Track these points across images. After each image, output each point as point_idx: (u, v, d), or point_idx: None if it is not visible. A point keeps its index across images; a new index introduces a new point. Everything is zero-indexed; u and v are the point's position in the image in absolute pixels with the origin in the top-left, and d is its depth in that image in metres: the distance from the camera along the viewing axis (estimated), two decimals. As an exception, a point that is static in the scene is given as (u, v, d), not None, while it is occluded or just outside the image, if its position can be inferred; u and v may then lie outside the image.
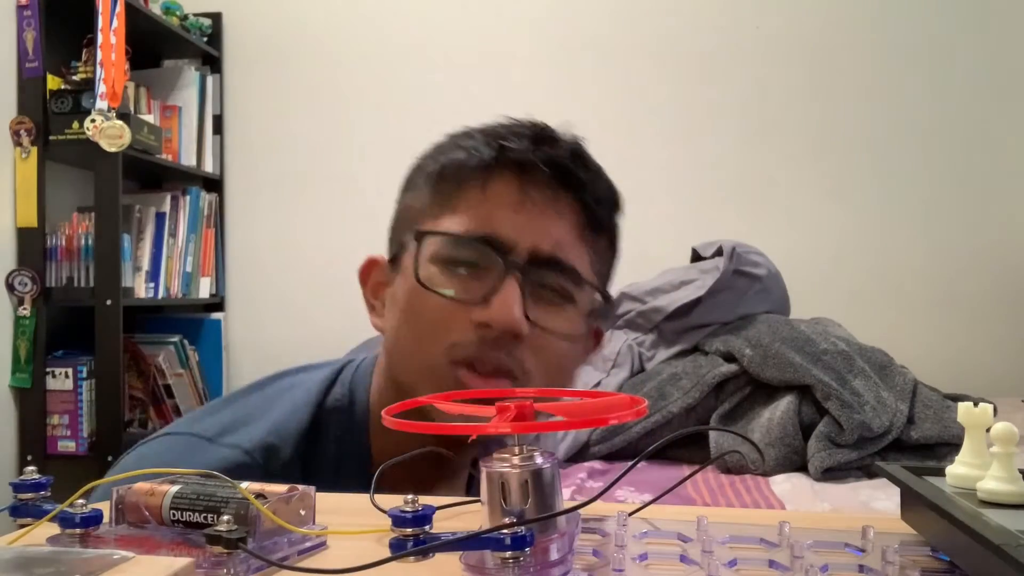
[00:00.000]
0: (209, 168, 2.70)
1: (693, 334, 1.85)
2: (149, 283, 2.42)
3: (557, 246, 0.68)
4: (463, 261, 0.67)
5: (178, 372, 2.49)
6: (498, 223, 0.67)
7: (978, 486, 0.42)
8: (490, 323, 0.65)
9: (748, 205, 2.56)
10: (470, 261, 0.67)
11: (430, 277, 0.67)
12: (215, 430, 0.69)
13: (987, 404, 0.44)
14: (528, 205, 0.67)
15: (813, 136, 2.56)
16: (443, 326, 0.66)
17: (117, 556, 0.36)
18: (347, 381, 0.75)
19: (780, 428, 1.56)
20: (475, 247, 0.67)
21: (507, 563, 0.37)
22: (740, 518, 0.58)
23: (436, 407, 0.49)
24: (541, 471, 0.41)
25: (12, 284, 2.13)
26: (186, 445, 0.68)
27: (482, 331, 0.65)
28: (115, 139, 2.09)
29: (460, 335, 0.66)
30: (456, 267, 0.67)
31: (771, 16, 2.57)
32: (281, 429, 0.69)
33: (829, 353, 1.65)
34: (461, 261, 0.67)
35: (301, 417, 0.71)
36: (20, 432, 2.17)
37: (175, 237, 2.51)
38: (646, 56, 2.60)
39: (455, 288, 0.67)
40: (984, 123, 2.49)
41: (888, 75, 2.53)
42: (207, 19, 2.71)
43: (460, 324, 0.66)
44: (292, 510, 0.44)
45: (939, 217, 2.50)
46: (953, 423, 1.57)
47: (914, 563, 0.42)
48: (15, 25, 2.14)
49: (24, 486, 0.45)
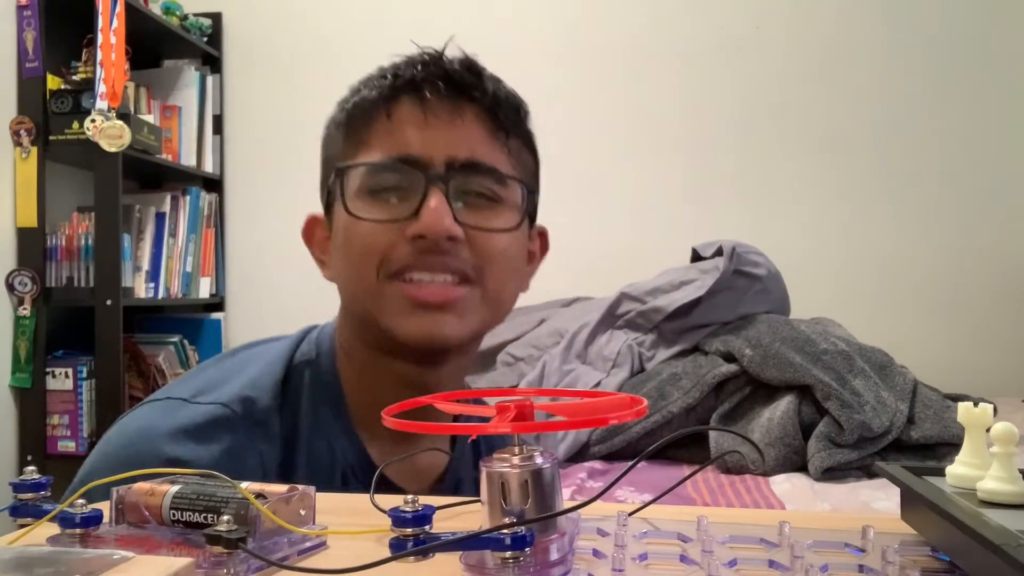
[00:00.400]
0: (209, 168, 2.70)
1: (693, 334, 1.85)
2: (149, 283, 2.42)
3: (471, 151, 0.70)
4: (386, 187, 0.70)
5: (178, 372, 2.49)
6: (409, 144, 0.70)
7: (978, 486, 0.42)
8: (423, 233, 0.67)
9: (748, 205, 2.56)
10: (393, 186, 0.70)
11: (358, 208, 0.70)
12: (191, 392, 0.70)
13: (987, 404, 0.44)
14: (433, 121, 0.70)
15: (813, 136, 2.56)
16: (379, 246, 0.69)
17: (117, 556, 0.36)
18: (313, 339, 0.78)
19: (780, 428, 1.56)
20: (393, 169, 0.69)
21: (507, 563, 0.37)
22: (740, 518, 0.58)
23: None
24: (541, 471, 0.41)
25: (12, 284, 2.13)
26: (165, 407, 0.69)
27: (418, 243, 0.68)
28: (115, 139, 2.09)
29: (395, 251, 0.69)
30: (381, 194, 0.70)
31: (771, 16, 2.57)
32: (256, 383, 0.71)
33: (829, 353, 1.65)
34: (384, 188, 0.70)
35: (275, 371, 0.73)
36: (20, 432, 2.17)
37: (175, 237, 2.51)
38: (646, 56, 2.60)
39: (385, 213, 0.69)
40: (985, 123, 2.49)
41: (888, 75, 2.53)
42: (207, 19, 2.71)
43: (395, 241, 0.68)
44: (292, 510, 0.44)
45: (939, 217, 2.50)
46: (953, 423, 1.57)
47: (914, 563, 0.42)
48: (15, 25, 2.14)
49: (24, 486, 0.45)
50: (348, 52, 2.71)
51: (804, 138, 2.56)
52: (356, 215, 0.69)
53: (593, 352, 1.90)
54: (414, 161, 0.69)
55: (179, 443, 0.65)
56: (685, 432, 1.66)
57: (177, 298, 2.51)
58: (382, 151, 0.70)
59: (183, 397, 0.69)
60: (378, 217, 0.69)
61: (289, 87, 2.74)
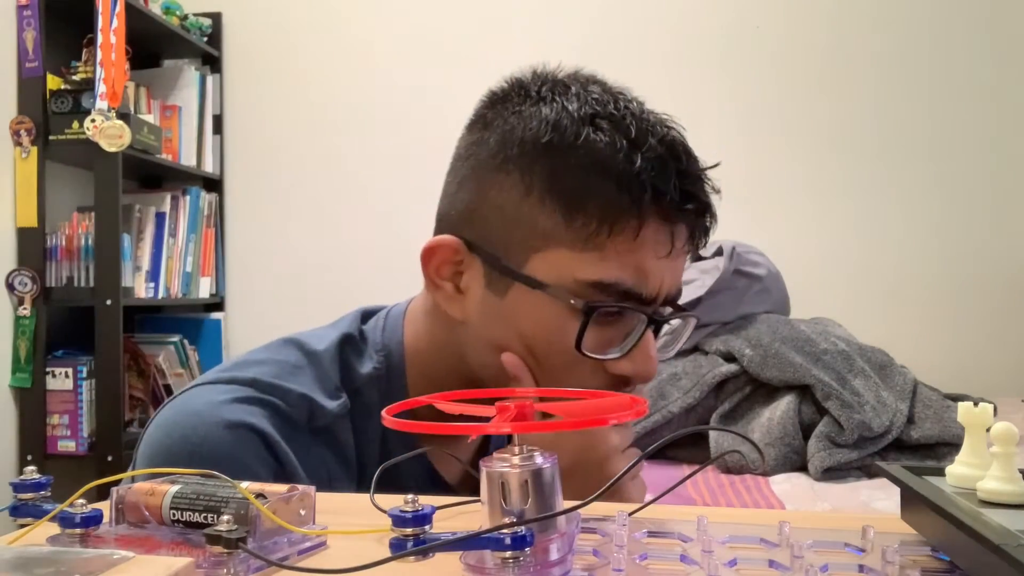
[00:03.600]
0: (209, 168, 2.70)
1: (693, 334, 1.85)
2: (149, 283, 2.42)
3: (679, 281, 0.69)
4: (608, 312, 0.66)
5: (178, 372, 2.49)
6: (647, 274, 0.65)
7: (978, 486, 0.42)
8: (632, 376, 0.66)
9: (748, 205, 2.56)
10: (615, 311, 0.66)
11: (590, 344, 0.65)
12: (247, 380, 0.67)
13: (987, 404, 0.44)
14: (673, 252, 0.66)
15: (813, 136, 2.56)
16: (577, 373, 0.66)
17: (117, 556, 0.36)
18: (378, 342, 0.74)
19: (780, 428, 1.57)
20: (629, 306, 0.65)
21: (507, 563, 0.37)
22: (740, 518, 0.58)
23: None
24: (541, 471, 0.41)
25: (12, 284, 2.13)
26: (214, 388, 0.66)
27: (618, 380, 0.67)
28: (115, 139, 2.09)
29: (596, 382, 0.66)
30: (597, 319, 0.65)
31: (771, 16, 2.57)
32: (316, 388, 0.69)
33: (829, 353, 1.65)
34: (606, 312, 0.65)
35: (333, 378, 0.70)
36: (20, 432, 2.17)
37: (175, 237, 2.51)
38: (645, 56, 2.60)
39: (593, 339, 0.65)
40: (985, 123, 2.49)
41: (888, 75, 2.53)
42: (207, 19, 2.71)
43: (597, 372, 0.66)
44: (292, 510, 0.44)
45: (939, 217, 2.50)
46: (953, 423, 1.57)
47: (914, 563, 0.42)
48: (15, 25, 2.14)
49: (24, 486, 0.45)
50: (348, 52, 2.72)
51: (804, 138, 2.56)
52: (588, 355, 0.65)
53: (593, 352, 1.90)
54: (645, 297, 0.65)
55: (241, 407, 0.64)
56: (685, 432, 1.67)
57: (177, 298, 2.51)
58: (618, 272, 0.64)
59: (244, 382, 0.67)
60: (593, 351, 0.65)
61: (289, 87, 2.74)
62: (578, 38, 2.62)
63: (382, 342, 0.73)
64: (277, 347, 0.73)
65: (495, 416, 0.43)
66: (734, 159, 2.75)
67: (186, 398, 0.67)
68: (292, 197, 2.72)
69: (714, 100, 2.58)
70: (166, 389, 2.44)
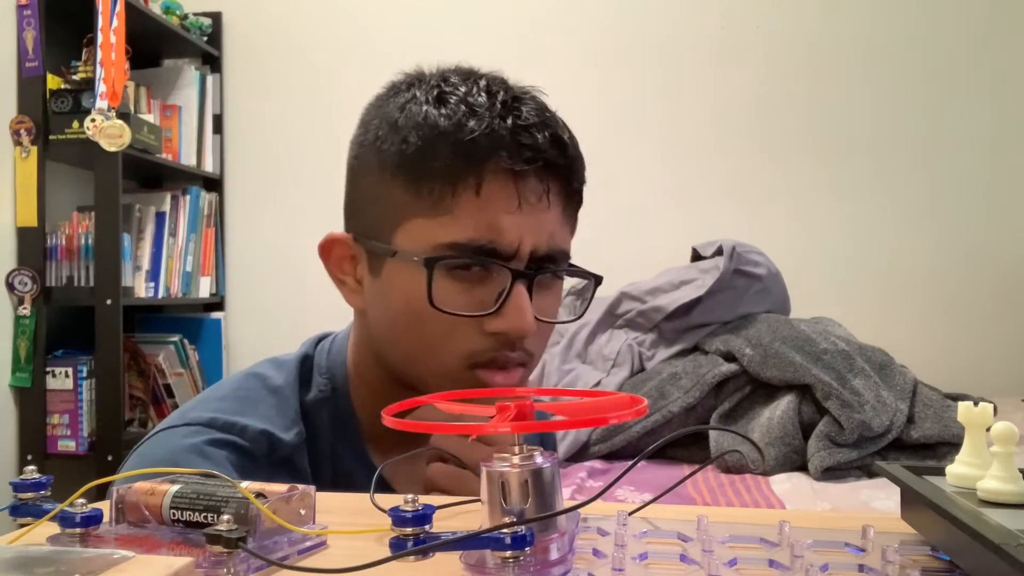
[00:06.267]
0: (209, 168, 2.70)
1: (693, 334, 1.85)
2: (149, 283, 2.42)
3: (552, 239, 0.69)
4: (468, 272, 0.67)
5: (178, 372, 2.49)
6: (502, 232, 0.66)
7: (978, 486, 0.42)
8: (506, 332, 0.66)
9: (748, 205, 2.56)
10: (475, 272, 0.67)
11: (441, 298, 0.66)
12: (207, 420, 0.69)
13: (987, 404, 0.44)
14: (525, 206, 0.67)
15: (813, 135, 2.56)
16: (456, 336, 0.67)
17: (117, 556, 0.36)
18: (323, 365, 0.76)
19: (780, 427, 1.57)
20: (482, 259, 0.66)
21: (507, 562, 0.37)
22: (740, 518, 0.58)
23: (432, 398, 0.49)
24: (541, 471, 0.41)
25: (12, 284, 2.13)
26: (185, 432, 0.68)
27: (497, 337, 0.67)
28: (115, 139, 2.09)
29: (476, 343, 0.67)
30: (460, 277, 0.67)
31: (771, 16, 2.57)
32: (275, 420, 0.70)
33: (829, 353, 1.65)
34: (466, 273, 0.67)
35: (292, 407, 0.72)
36: (20, 432, 2.17)
37: (175, 237, 2.51)
38: (645, 56, 2.60)
39: (464, 300, 0.67)
40: (984, 122, 2.49)
41: (888, 75, 2.53)
42: (207, 19, 2.71)
43: (474, 333, 0.67)
44: (292, 510, 0.44)
45: (939, 217, 2.50)
46: (953, 422, 1.57)
47: (914, 563, 0.42)
48: (15, 25, 2.14)
49: (24, 486, 0.45)
50: (348, 51, 2.71)
51: (804, 138, 2.56)
52: (443, 309, 0.66)
53: (593, 351, 1.90)
54: (502, 252, 0.66)
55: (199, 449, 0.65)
56: (685, 432, 1.67)
57: (177, 298, 2.51)
58: (468, 231, 0.66)
59: (202, 423, 0.68)
60: (462, 311, 0.66)
61: (289, 86, 2.74)
62: (578, 39, 2.62)
63: (327, 364, 0.76)
64: (241, 379, 0.76)
65: (495, 416, 0.43)
66: (734, 159, 2.78)
67: (147, 447, 0.69)
68: (292, 197, 2.72)
69: (714, 100, 2.58)
70: (166, 389, 2.44)
